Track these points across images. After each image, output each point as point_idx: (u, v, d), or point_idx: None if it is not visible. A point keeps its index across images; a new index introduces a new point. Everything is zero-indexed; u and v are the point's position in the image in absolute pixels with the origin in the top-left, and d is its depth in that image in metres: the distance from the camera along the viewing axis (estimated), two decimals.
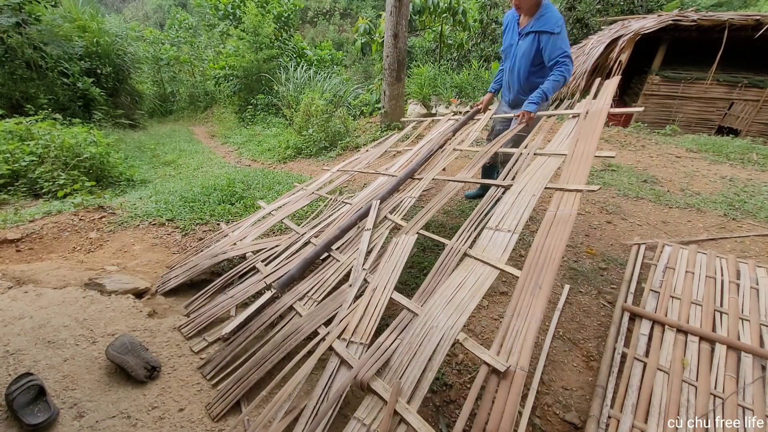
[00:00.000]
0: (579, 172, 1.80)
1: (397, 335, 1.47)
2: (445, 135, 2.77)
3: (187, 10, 20.70)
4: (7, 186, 4.16)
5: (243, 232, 2.66)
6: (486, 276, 1.53)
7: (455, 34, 10.20)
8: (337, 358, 1.48)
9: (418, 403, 1.22)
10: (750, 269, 2.13)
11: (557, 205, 1.68)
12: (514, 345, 1.25)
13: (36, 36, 7.54)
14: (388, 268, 1.79)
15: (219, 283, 2.18)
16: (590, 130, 2.03)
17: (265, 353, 1.62)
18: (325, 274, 1.99)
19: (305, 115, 6.63)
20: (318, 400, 1.37)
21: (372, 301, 1.66)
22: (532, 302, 1.32)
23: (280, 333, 1.71)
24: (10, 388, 1.31)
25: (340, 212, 2.54)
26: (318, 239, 2.29)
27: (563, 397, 1.63)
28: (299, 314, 1.79)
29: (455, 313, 1.42)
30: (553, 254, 1.43)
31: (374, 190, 2.60)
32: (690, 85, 6.86)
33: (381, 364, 1.37)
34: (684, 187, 3.77)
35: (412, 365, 1.33)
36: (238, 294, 2.05)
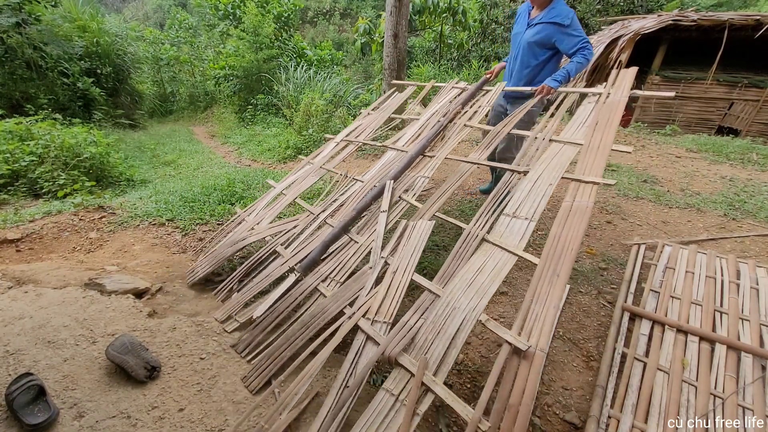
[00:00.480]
0: (596, 164, 1.82)
1: (420, 315, 1.55)
2: (454, 108, 2.71)
3: (187, 10, 20.70)
4: (7, 186, 4.15)
5: (258, 216, 2.67)
6: (504, 262, 1.59)
7: (455, 34, 10.20)
8: (363, 335, 1.56)
9: (443, 376, 1.30)
10: (750, 269, 2.13)
11: (573, 196, 1.71)
12: (534, 328, 1.33)
13: (36, 36, 7.54)
14: (407, 251, 1.84)
15: (243, 270, 2.25)
16: (607, 120, 2.04)
17: (295, 331, 1.71)
18: (345, 255, 2.03)
19: (305, 115, 6.62)
20: (346, 373, 1.46)
21: (393, 282, 1.72)
22: (551, 290, 1.40)
23: (307, 312, 1.79)
24: (10, 388, 1.31)
25: (353, 190, 2.52)
26: (333, 219, 2.33)
27: (563, 397, 1.63)
28: (323, 295, 1.85)
29: (476, 296, 1.49)
30: (571, 244, 1.50)
31: (384, 166, 2.60)
32: (690, 85, 6.86)
33: (407, 341, 1.46)
34: (684, 187, 3.77)
35: (436, 342, 1.41)
36: (263, 278, 2.11)
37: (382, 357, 1.43)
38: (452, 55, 10.47)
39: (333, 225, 2.22)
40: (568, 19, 2.42)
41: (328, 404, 1.37)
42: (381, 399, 1.33)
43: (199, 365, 1.61)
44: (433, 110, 2.92)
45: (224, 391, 1.49)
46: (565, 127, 2.15)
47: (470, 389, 1.66)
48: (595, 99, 2.28)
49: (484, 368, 1.75)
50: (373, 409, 1.31)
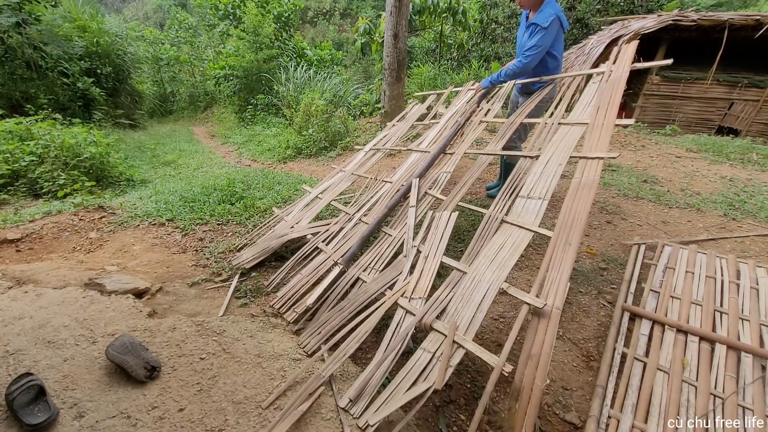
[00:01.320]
0: (601, 141, 1.99)
1: (450, 290, 1.79)
2: (471, 107, 2.98)
3: (187, 10, 20.69)
4: (7, 186, 4.16)
5: (296, 216, 2.92)
6: (522, 238, 1.81)
7: (455, 34, 10.20)
8: (402, 310, 1.81)
9: (472, 334, 1.55)
10: (750, 269, 2.13)
11: (582, 172, 1.89)
12: (550, 291, 1.52)
13: (36, 36, 7.54)
14: (435, 238, 2.09)
15: (291, 263, 2.47)
16: (609, 98, 2.20)
17: (342, 307, 1.98)
18: (381, 247, 2.29)
19: (305, 115, 6.62)
20: (390, 338, 1.71)
21: (425, 266, 1.98)
22: (563, 256, 1.59)
23: (352, 294, 2.05)
24: (10, 388, 1.31)
25: (384, 191, 2.78)
26: (367, 218, 2.58)
27: (563, 397, 1.63)
28: (365, 282, 2.10)
29: (498, 269, 1.72)
30: (580, 215, 1.69)
31: (410, 167, 2.86)
32: (690, 85, 6.86)
33: (439, 310, 1.71)
34: (684, 187, 3.77)
35: (464, 310, 1.66)
36: (310, 272, 2.33)
37: (419, 324, 1.69)
38: (452, 55, 10.47)
39: (368, 222, 2.48)
40: (546, 22, 2.59)
41: (377, 359, 1.62)
42: (419, 356, 1.58)
43: (199, 365, 1.61)
44: (452, 113, 3.19)
45: (224, 391, 1.49)
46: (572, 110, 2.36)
47: (470, 389, 1.66)
48: (599, 79, 2.45)
49: (483, 368, 1.75)
50: (413, 363, 1.55)
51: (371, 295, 1.96)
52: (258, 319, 2.01)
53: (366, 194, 2.90)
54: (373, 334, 1.89)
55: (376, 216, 2.47)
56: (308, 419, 1.41)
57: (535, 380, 1.33)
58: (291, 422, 1.36)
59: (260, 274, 2.42)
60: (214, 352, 1.69)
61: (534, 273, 2.46)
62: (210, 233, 2.97)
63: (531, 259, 2.64)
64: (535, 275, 2.19)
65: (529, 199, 1.96)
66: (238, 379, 1.56)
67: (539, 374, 1.34)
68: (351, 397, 1.50)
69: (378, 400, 1.47)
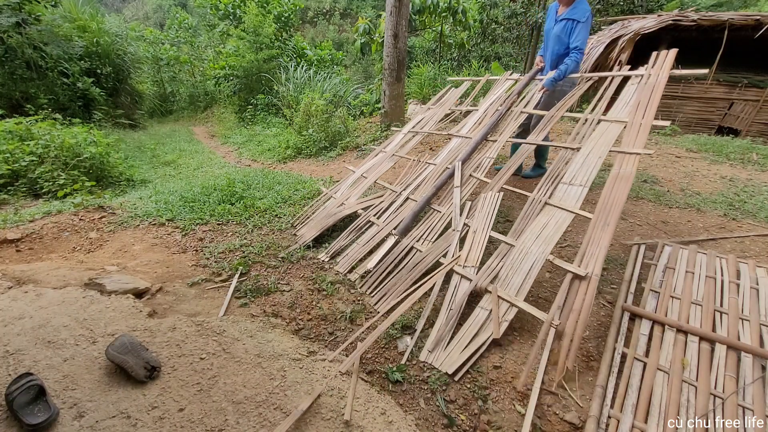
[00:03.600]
0: (638, 139, 2.25)
1: (500, 260, 2.11)
2: (510, 97, 3.25)
3: (187, 10, 20.69)
4: (7, 186, 4.15)
5: (345, 194, 3.25)
6: (564, 219, 2.11)
7: (455, 33, 10.20)
8: (458, 276, 2.12)
9: (523, 296, 1.89)
10: (750, 269, 2.13)
11: (620, 165, 2.16)
12: (590, 261, 1.86)
13: (36, 36, 7.54)
14: (483, 215, 2.40)
15: (347, 234, 2.80)
16: (649, 100, 2.43)
17: (403, 274, 2.27)
18: (431, 222, 2.60)
19: (305, 115, 6.62)
20: (449, 299, 2.03)
21: (475, 238, 2.29)
22: (602, 235, 1.91)
23: (410, 262, 2.35)
24: (10, 388, 1.31)
25: (427, 172, 3.06)
26: (415, 195, 2.88)
27: (563, 397, 1.63)
28: (419, 251, 2.40)
29: (543, 243, 2.04)
30: (618, 201, 1.98)
31: (452, 152, 3.13)
32: (690, 85, 6.86)
33: (492, 276, 2.03)
34: (684, 187, 3.76)
35: (515, 276, 1.98)
36: (365, 242, 2.64)
37: (474, 288, 1.99)
38: (452, 55, 10.47)
39: (416, 200, 2.78)
40: (584, 17, 2.88)
41: (440, 319, 1.96)
42: (477, 314, 1.92)
43: (199, 365, 1.61)
44: (491, 101, 3.46)
45: (224, 391, 1.49)
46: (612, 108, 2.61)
47: (470, 389, 1.66)
48: (637, 81, 2.67)
49: (483, 368, 1.75)
50: (472, 320, 1.90)
51: (429, 263, 2.28)
52: (258, 319, 2.01)
53: (410, 175, 3.17)
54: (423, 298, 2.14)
55: (424, 194, 2.77)
56: (308, 419, 1.41)
57: (576, 329, 1.65)
58: (291, 422, 1.36)
59: (260, 274, 2.42)
60: (214, 352, 1.69)
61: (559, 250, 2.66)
62: (210, 233, 2.97)
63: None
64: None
65: (570, 185, 2.25)
66: (238, 379, 1.56)
67: (580, 323, 1.67)
68: (429, 348, 1.85)
69: (449, 348, 1.82)
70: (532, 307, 1.84)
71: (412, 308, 2.13)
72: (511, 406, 1.59)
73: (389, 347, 1.89)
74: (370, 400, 1.54)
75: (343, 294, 2.27)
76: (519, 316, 1.92)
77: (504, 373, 1.73)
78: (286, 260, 2.61)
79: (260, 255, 2.63)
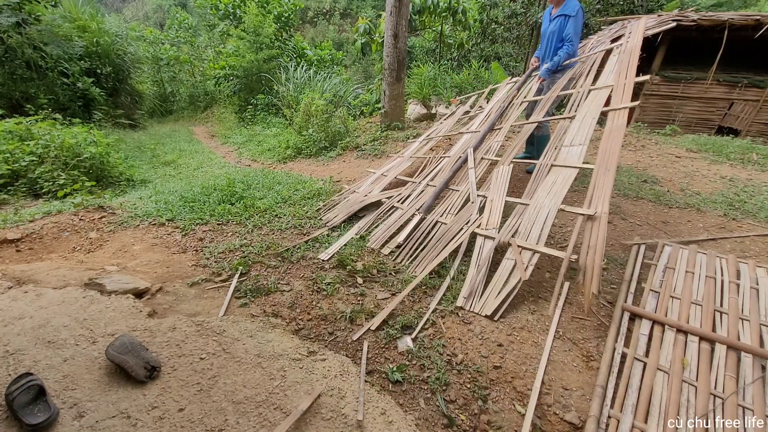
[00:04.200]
0: (624, 95, 2.69)
1: (517, 218, 2.46)
2: (511, 93, 3.80)
3: (187, 10, 20.69)
4: (7, 186, 4.15)
5: (366, 189, 3.64)
6: (570, 174, 2.47)
7: (455, 33, 10.20)
8: (481, 238, 2.46)
9: (542, 242, 2.22)
10: (750, 269, 2.13)
11: (612, 121, 2.57)
12: (597, 203, 2.15)
13: (36, 36, 7.53)
14: (497, 185, 2.81)
15: (373, 217, 3.17)
16: (628, 62, 2.95)
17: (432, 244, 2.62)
18: (451, 199, 3.02)
19: (305, 115, 6.62)
20: (476, 257, 2.37)
21: (493, 206, 2.66)
22: (604, 179, 2.24)
23: (437, 234, 2.69)
24: (10, 388, 1.31)
25: (443, 164, 3.54)
26: (434, 182, 3.31)
27: (563, 397, 1.63)
28: (444, 224, 2.75)
29: (555, 197, 2.38)
30: (614, 149, 2.34)
31: (463, 144, 3.63)
32: (690, 85, 6.86)
33: (512, 233, 2.37)
34: (684, 187, 3.76)
35: (533, 228, 2.31)
36: (392, 222, 3.00)
37: (498, 244, 2.33)
38: (452, 55, 10.46)
39: (435, 186, 3.20)
40: (573, 12, 3.25)
41: (471, 273, 2.28)
42: (504, 265, 2.24)
43: (199, 365, 1.61)
44: (494, 102, 4.07)
45: (224, 391, 1.49)
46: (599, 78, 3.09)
47: (470, 389, 1.67)
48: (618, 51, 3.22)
49: (483, 368, 1.75)
50: (500, 272, 2.21)
51: (454, 231, 2.62)
52: (258, 319, 2.01)
53: (428, 168, 3.63)
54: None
55: (442, 178, 3.20)
56: (308, 419, 1.41)
57: (595, 261, 1.89)
58: (291, 422, 1.36)
59: (260, 274, 2.42)
60: (214, 352, 1.69)
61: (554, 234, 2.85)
62: (210, 233, 2.97)
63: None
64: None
65: (571, 146, 2.63)
66: (238, 379, 1.56)
67: (597, 257, 1.90)
68: (465, 295, 2.15)
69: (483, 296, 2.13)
70: (551, 249, 2.16)
71: (413, 308, 2.13)
72: (511, 406, 1.59)
73: (389, 347, 1.89)
74: (370, 400, 1.54)
75: (343, 294, 2.27)
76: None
77: (504, 373, 1.73)
78: (286, 260, 2.61)
79: (260, 255, 2.63)
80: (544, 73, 3.51)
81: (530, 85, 3.77)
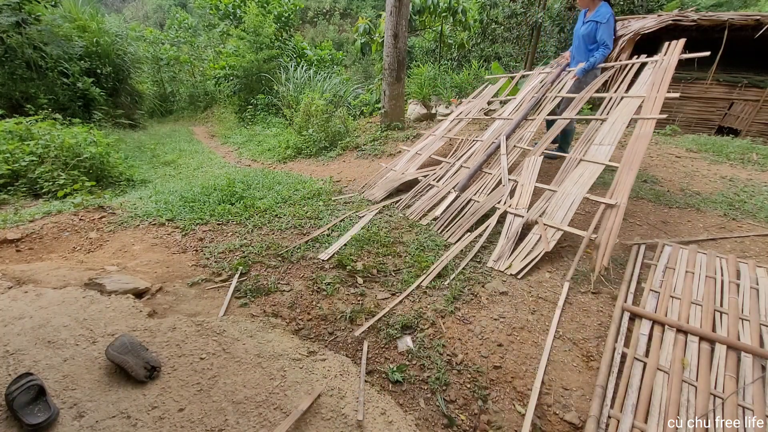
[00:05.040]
0: (654, 107, 2.96)
1: (545, 201, 2.80)
2: (545, 85, 4.01)
3: (187, 10, 20.70)
4: (7, 186, 4.15)
5: (403, 167, 4.07)
6: (596, 169, 2.79)
7: (455, 33, 10.20)
8: (511, 216, 2.82)
9: (566, 223, 2.57)
10: (750, 269, 2.13)
11: (640, 128, 2.88)
12: (617, 195, 2.52)
13: (36, 36, 7.53)
14: (528, 172, 3.13)
15: (411, 194, 3.60)
16: (662, 78, 3.15)
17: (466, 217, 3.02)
18: (484, 181, 3.35)
19: (305, 115, 6.62)
20: (506, 231, 2.73)
21: (523, 189, 3.00)
22: (627, 177, 2.58)
23: (470, 210, 3.07)
24: (10, 388, 1.31)
25: (476, 147, 3.84)
26: (467, 164, 3.63)
27: (563, 397, 1.63)
28: (477, 201, 3.13)
29: (581, 186, 2.71)
30: (639, 152, 2.68)
31: (496, 130, 3.91)
32: (690, 85, 6.86)
33: (540, 213, 2.72)
34: (684, 187, 3.76)
35: (559, 211, 2.66)
36: (429, 198, 3.41)
37: (526, 222, 2.68)
38: (452, 55, 10.46)
39: (468, 167, 3.55)
40: (604, 19, 3.56)
41: (501, 241, 2.67)
42: (530, 238, 2.59)
43: (199, 365, 1.61)
44: (527, 89, 4.21)
45: (224, 391, 1.49)
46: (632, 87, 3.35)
47: (470, 389, 1.67)
48: (652, 66, 3.41)
49: (483, 368, 1.75)
50: (525, 243, 2.58)
51: (486, 208, 3.00)
52: (258, 319, 2.01)
53: (461, 150, 3.93)
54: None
55: (476, 161, 3.53)
56: (308, 419, 1.41)
57: (609, 240, 2.27)
58: (291, 422, 1.36)
59: (260, 274, 2.42)
60: (214, 352, 1.69)
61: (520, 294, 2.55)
62: (210, 233, 2.97)
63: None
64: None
65: (600, 145, 2.94)
66: (238, 379, 1.56)
67: (611, 238, 2.27)
68: (494, 258, 2.56)
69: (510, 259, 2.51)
70: (574, 228, 2.51)
71: (413, 309, 2.13)
72: (511, 406, 1.59)
73: (389, 347, 1.89)
74: (370, 400, 1.54)
75: (343, 294, 2.28)
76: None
77: (504, 373, 1.73)
78: (286, 260, 2.61)
79: (260, 255, 2.63)
80: (580, 72, 3.80)
81: (565, 80, 4.00)
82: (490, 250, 2.70)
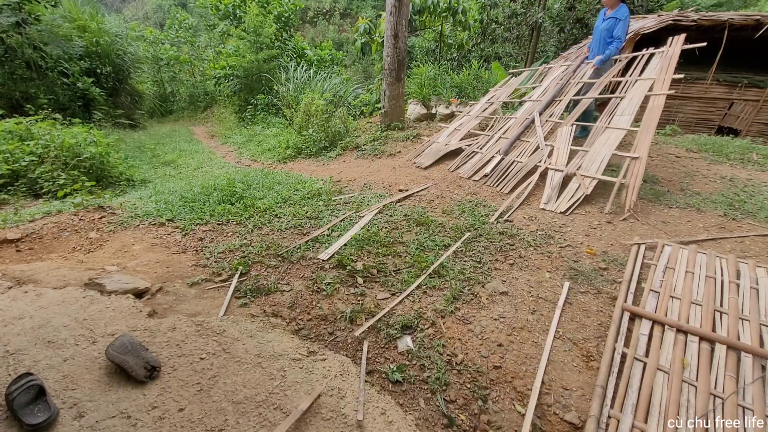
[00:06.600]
0: (663, 86, 3.80)
1: (580, 159, 3.65)
2: (568, 73, 4.89)
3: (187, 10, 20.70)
4: (7, 186, 4.15)
5: (445, 140, 4.91)
6: (620, 133, 3.68)
7: (455, 33, 10.20)
8: (552, 171, 3.62)
9: (600, 173, 3.43)
10: (750, 269, 2.13)
11: (653, 102, 3.70)
12: (639, 150, 3.40)
13: (36, 36, 7.53)
14: (562, 138, 3.96)
15: (461, 157, 4.49)
16: (669, 63, 3.97)
17: (512, 174, 3.87)
18: (523, 147, 4.17)
19: (305, 115, 6.62)
20: (550, 182, 3.54)
21: (560, 151, 3.82)
22: (646, 137, 3.46)
23: (515, 168, 3.89)
24: (10, 388, 1.31)
25: (509, 123, 4.68)
26: (505, 135, 4.47)
27: (563, 397, 1.63)
28: (520, 162, 3.92)
29: (609, 147, 3.59)
30: (654, 119, 3.56)
31: (527, 110, 4.76)
32: (690, 85, 6.86)
33: (576, 167, 3.57)
34: (684, 187, 3.76)
35: (591, 166, 3.51)
36: (476, 161, 4.25)
37: (566, 175, 3.50)
38: (452, 55, 10.47)
39: (507, 138, 4.37)
40: (623, 16, 4.26)
41: (546, 190, 3.48)
42: (570, 186, 3.41)
43: (199, 365, 1.61)
44: (552, 77, 5.12)
45: (224, 391, 1.49)
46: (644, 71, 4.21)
47: (470, 389, 1.67)
48: (660, 55, 4.23)
49: (483, 368, 1.75)
50: (566, 190, 3.40)
51: (529, 167, 3.80)
52: (258, 319, 2.01)
53: (496, 126, 4.80)
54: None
55: (514, 132, 4.38)
56: (308, 419, 1.41)
57: (635, 183, 3.19)
58: (291, 422, 1.36)
59: (260, 274, 2.42)
60: (214, 352, 1.69)
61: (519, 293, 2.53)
62: (210, 233, 2.97)
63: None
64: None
65: (622, 116, 3.83)
66: (238, 379, 1.56)
67: (637, 182, 3.19)
68: (544, 201, 3.36)
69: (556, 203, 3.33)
70: (606, 176, 3.33)
71: (413, 309, 2.13)
72: (511, 406, 1.59)
73: (389, 347, 1.89)
74: (370, 400, 1.54)
75: (343, 294, 2.28)
76: None
77: (504, 373, 1.73)
78: (286, 260, 2.61)
79: (260, 255, 2.63)
80: (599, 63, 4.53)
81: (584, 70, 4.82)
82: (490, 251, 2.70)
